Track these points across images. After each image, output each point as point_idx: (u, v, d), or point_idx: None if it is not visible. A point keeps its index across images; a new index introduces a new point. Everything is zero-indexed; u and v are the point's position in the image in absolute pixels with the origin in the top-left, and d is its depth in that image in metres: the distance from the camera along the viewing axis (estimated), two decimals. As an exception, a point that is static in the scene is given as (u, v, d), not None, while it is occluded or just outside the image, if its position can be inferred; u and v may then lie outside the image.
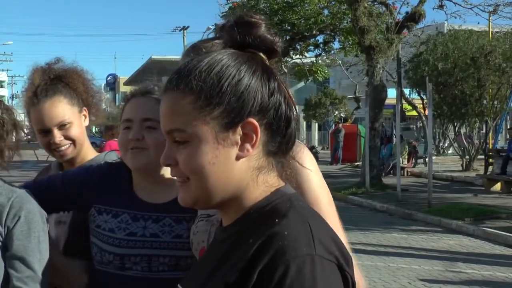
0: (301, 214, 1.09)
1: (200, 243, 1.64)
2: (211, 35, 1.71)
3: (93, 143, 2.49)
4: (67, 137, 2.17)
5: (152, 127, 1.85)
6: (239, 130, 1.08)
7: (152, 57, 46.79)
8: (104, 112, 2.57)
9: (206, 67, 1.09)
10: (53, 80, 2.19)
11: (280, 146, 1.13)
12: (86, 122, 2.29)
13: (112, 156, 2.21)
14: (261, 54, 1.14)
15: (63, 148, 2.18)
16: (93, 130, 36.06)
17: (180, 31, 47.34)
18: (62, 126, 2.16)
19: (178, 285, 1.21)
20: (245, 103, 1.08)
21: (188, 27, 46.60)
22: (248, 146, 1.09)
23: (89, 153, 2.28)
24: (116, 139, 2.21)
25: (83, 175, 1.98)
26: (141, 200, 1.90)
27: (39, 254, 1.75)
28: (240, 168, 1.10)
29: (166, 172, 1.85)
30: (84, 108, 2.27)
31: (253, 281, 0.99)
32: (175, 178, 1.14)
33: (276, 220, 1.05)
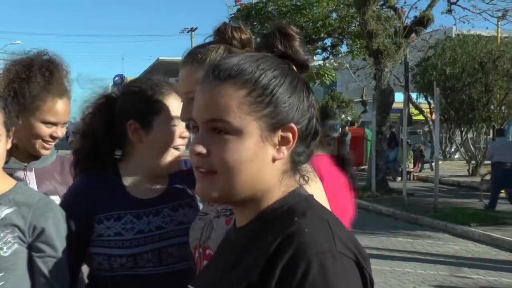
0: (319, 213, 1.12)
1: (194, 240, 1.67)
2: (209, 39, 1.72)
3: None
4: (61, 134, 2.28)
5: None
6: (279, 133, 1.11)
7: (160, 58, 46.85)
8: None
9: (258, 65, 1.11)
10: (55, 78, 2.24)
11: (304, 156, 1.17)
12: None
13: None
14: (294, 67, 1.18)
15: (53, 143, 2.27)
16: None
17: (188, 32, 47.38)
18: (65, 123, 2.27)
19: (189, 285, 1.21)
20: (291, 108, 1.12)
21: (196, 28, 46.59)
22: (284, 149, 1.13)
23: None
24: None
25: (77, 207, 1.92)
26: (137, 198, 1.92)
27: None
28: (272, 170, 1.13)
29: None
30: None
31: (276, 278, 1.01)
32: (200, 168, 1.12)
33: (295, 218, 1.07)
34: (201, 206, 1.92)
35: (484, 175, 14.67)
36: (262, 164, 1.10)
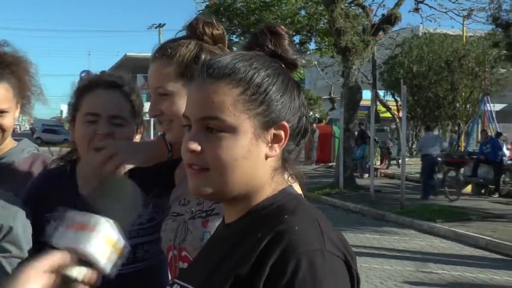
0: (309, 211, 1.12)
1: (167, 241, 1.62)
2: (181, 34, 1.68)
3: (66, 140, 2.45)
4: (0, 126, 2.07)
5: (120, 124, 1.81)
6: (271, 131, 1.12)
7: (127, 54, 46.45)
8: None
9: (251, 64, 1.12)
10: (1, 65, 2.11)
11: (293, 153, 1.18)
12: (17, 115, 2.19)
13: (27, 144, 2.21)
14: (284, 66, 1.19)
15: None
16: (65, 127, 35.66)
17: (156, 28, 47.04)
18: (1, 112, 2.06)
19: (175, 280, 1.21)
20: (284, 106, 1.13)
21: (164, 24, 46.29)
22: (276, 146, 1.13)
23: (9, 144, 2.21)
24: None
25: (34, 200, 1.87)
26: (85, 196, 1.83)
27: None
28: (264, 167, 1.13)
29: None
30: (21, 100, 2.17)
31: (265, 274, 1.01)
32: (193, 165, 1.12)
33: (285, 216, 1.08)
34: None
35: (448, 171, 14.97)
36: (256, 161, 1.11)
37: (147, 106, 1.75)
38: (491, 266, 8.43)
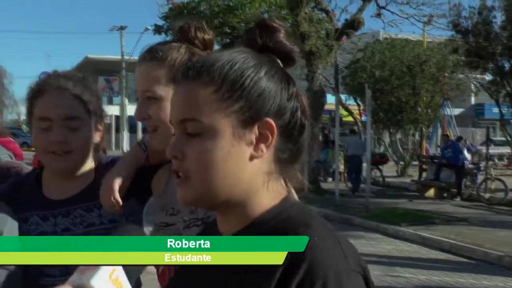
0: (324, 225, 1.06)
1: None
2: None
3: (25, 143, 2.37)
4: None
5: (75, 128, 1.76)
6: (255, 129, 1.05)
7: (88, 56, 45.81)
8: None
9: (228, 60, 1.07)
10: None
11: (290, 154, 1.10)
12: None
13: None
14: (278, 60, 1.12)
15: None
16: (24, 130, 34.92)
17: (117, 30, 46.52)
18: None
19: None
20: (265, 101, 1.05)
21: (126, 27, 45.73)
22: (263, 146, 1.06)
23: None
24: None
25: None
26: (49, 199, 1.81)
27: None
28: (251, 170, 1.06)
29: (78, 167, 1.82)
30: None
31: None
32: (178, 173, 1.07)
33: (301, 229, 1.01)
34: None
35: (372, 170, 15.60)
36: (238, 163, 1.04)
37: (109, 108, 1.69)
38: (456, 269, 8.54)
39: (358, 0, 18.77)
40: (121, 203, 1.62)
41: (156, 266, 1.57)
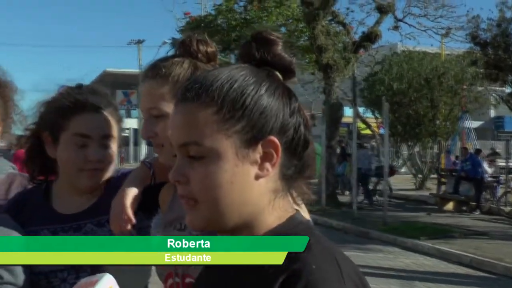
0: (326, 246, 1.02)
1: (166, 268, 1.55)
2: (167, 49, 1.62)
3: None
4: None
5: (107, 145, 1.77)
6: (259, 148, 1.02)
7: (106, 69, 46.25)
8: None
9: (228, 79, 1.02)
10: None
11: (295, 169, 1.07)
12: None
13: (3, 163, 2.15)
14: (277, 73, 1.08)
15: None
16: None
17: (135, 44, 46.95)
18: None
19: None
20: (268, 120, 1.02)
21: (143, 40, 46.26)
22: (268, 165, 1.02)
23: None
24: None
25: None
26: (59, 213, 1.79)
27: None
28: (258, 190, 1.02)
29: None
30: (2, 123, 2.10)
31: None
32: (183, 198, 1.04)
33: (302, 254, 0.98)
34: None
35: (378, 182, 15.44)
36: (244, 184, 1.01)
37: (128, 121, 1.68)
38: (475, 284, 8.42)
39: (376, 13, 18.80)
40: (133, 220, 1.60)
41: (165, 279, 1.56)
